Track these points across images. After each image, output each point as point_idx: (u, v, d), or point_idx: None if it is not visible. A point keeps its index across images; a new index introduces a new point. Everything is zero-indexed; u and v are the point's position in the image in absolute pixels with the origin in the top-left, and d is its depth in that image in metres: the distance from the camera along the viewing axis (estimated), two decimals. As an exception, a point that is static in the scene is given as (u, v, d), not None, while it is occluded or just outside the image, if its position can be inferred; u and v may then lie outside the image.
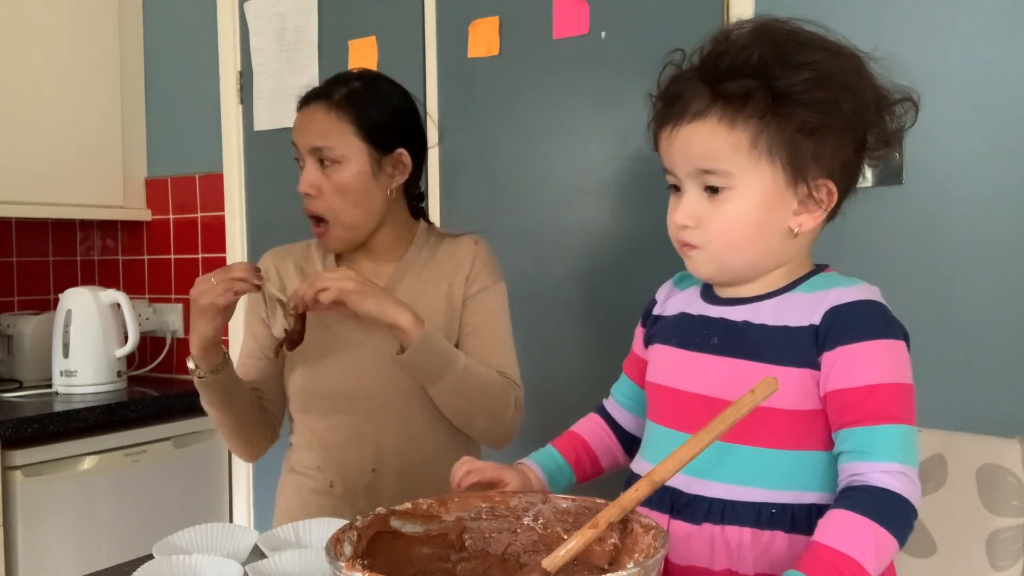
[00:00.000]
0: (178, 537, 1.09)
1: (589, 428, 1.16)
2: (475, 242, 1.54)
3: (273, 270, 1.55)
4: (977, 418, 1.59)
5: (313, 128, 1.44)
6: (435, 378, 1.38)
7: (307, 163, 1.45)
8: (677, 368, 1.01)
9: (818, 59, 0.91)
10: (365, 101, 1.46)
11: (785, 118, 0.91)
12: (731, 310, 0.99)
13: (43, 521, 2.09)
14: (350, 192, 1.44)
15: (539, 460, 1.11)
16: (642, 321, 1.13)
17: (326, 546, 0.74)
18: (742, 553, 0.92)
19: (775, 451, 0.93)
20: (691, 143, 0.94)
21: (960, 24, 1.62)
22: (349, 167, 1.44)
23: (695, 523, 0.94)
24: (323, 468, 1.48)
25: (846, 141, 0.94)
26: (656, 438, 1.02)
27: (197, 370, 1.39)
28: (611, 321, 2.01)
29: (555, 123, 2.07)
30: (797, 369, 0.92)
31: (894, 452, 0.87)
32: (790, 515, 0.92)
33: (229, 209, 2.61)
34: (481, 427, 1.45)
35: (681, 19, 1.88)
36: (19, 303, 2.76)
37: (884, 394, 0.89)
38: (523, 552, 0.87)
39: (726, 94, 0.92)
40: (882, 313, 0.94)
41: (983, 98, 1.60)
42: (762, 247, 0.96)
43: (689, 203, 0.96)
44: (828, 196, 0.95)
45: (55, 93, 2.52)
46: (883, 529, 0.83)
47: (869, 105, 0.94)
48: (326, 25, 2.41)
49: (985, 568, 1.11)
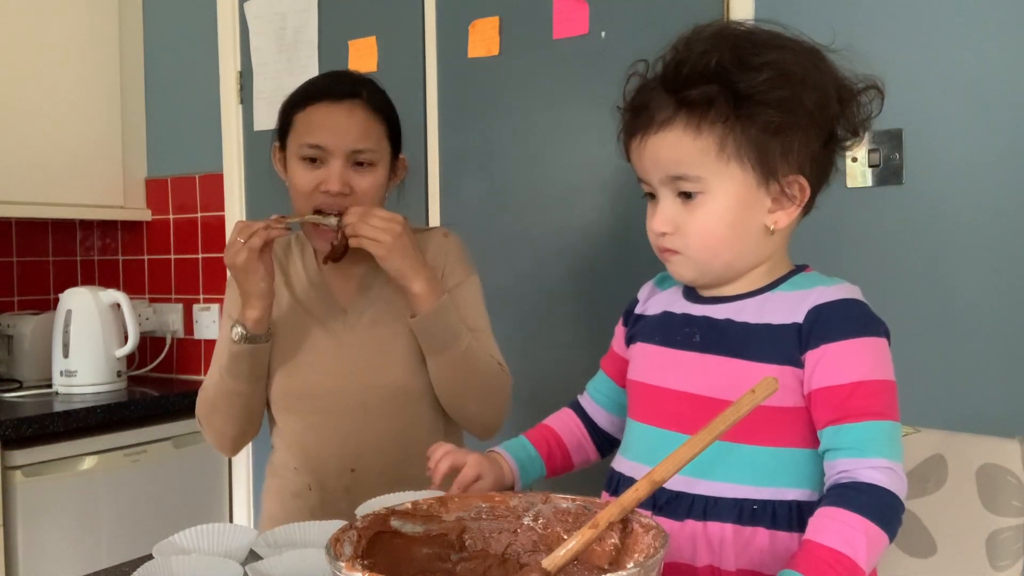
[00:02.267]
0: (178, 537, 1.08)
1: (562, 423, 1.18)
2: (444, 235, 1.54)
3: None
4: (977, 418, 1.59)
5: (354, 129, 1.41)
6: (438, 349, 1.39)
7: (336, 162, 1.41)
8: (660, 366, 1.02)
9: (776, 58, 0.92)
10: (389, 102, 1.48)
11: (749, 120, 0.92)
12: (714, 308, 1.00)
13: (43, 521, 2.09)
14: (375, 195, 1.44)
15: (511, 450, 1.13)
16: (623, 320, 1.14)
17: (326, 546, 0.74)
18: (724, 549, 0.93)
19: (757, 447, 0.94)
20: (660, 152, 0.95)
21: (960, 24, 1.62)
22: (379, 171, 1.44)
23: (678, 519, 0.95)
24: (300, 470, 1.47)
25: (812, 136, 0.95)
26: (639, 436, 1.03)
27: (245, 333, 1.38)
28: (609, 321, 2.00)
29: (555, 123, 2.07)
30: (779, 367, 0.93)
31: (881, 448, 0.88)
32: (771, 511, 0.93)
33: (229, 209, 2.61)
34: (473, 410, 1.45)
35: (681, 19, 1.86)
36: (19, 303, 2.76)
37: (869, 391, 0.90)
38: (523, 552, 0.87)
39: (689, 101, 0.93)
40: (864, 311, 0.94)
41: (983, 98, 1.60)
42: (739, 247, 0.97)
43: (665, 210, 0.97)
44: (801, 192, 0.96)
45: (55, 93, 2.52)
46: (874, 525, 0.84)
47: (832, 97, 0.95)
48: (326, 25, 2.41)
49: (985, 568, 1.11)
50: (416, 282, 1.35)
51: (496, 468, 1.09)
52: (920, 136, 1.65)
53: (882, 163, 1.67)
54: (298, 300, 1.51)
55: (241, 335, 1.39)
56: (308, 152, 1.41)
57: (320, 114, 1.42)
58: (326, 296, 1.51)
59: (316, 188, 1.41)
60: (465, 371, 1.41)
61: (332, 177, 1.40)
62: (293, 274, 1.54)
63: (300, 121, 1.44)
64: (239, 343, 1.39)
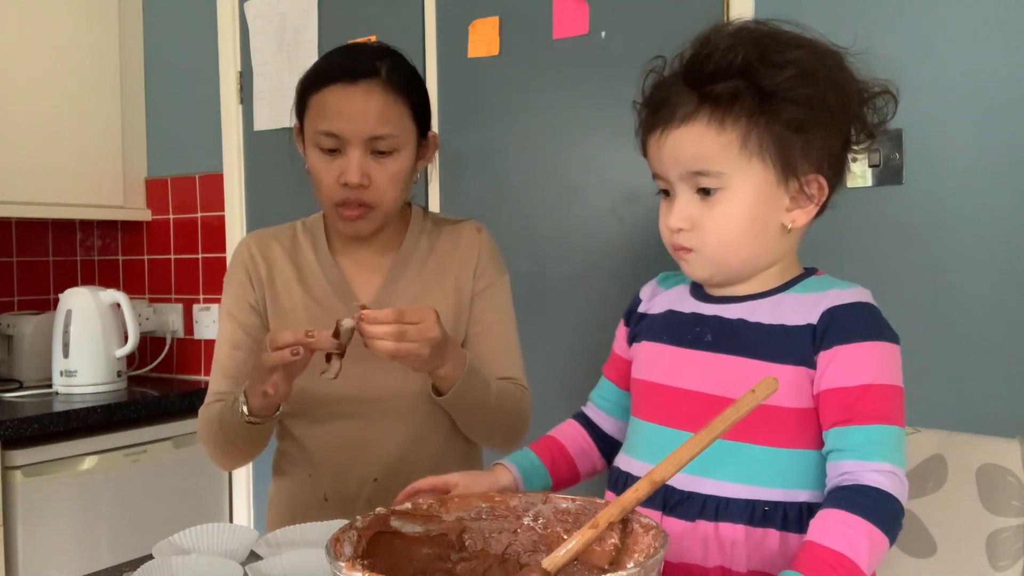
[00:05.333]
0: (178, 537, 1.08)
1: (567, 433, 1.17)
2: (478, 230, 1.46)
3: (259, 256, 1.43)
4: (977, 418, 1.59)
5: (371, 113, 1.28)
6: (468, 411, 1.32)
7: (354, 151, 1.29)
8: (668, 365, 1.01)
9: (800, 56, 0.92)
10: (412, 76, 1.34)
11: (773, 116, 0.92)
12: (725, 308, 0.99)
13: (43, 521, 2.09)
14: (401, 181, 1.33)
15: (515, 460, 1.11)
16: (625, 320, 1.13)
17: (326, 546, 0.74)
18: (735, 550, 0.92)
19: (770, 449, 0.94)
20: (681, 146, 0.95)
21: (960, 24, 1.62)
22: (403, 156, 1.32)
23: (689, 520, 0.94)
24: (316, 477, 1.39)
25: (833, 135, 0.95)
26: (644, 434, 1.02)
27: (252, 417, 1.24)
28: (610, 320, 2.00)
29: (555, 123, 2.07)
30: (793, 367, 0.93)
31: (885, 452, 0.88)
32: (782, 513, 0.92)
33: (229, 209, 2.62)
34: (499, 440, 1.41)
35: (681, 19, 1.88)
36: (19, 303, 2.76)
37: (878, 394, 0.90)
38: (523, 552, 0.87)
39: (713, 96, 0.92)
40: (878, 316, 0.95)
41: (983, 98, 1.60)
42: (757, 245, 0.96)
43: (682, 206, 0.97)
44: (819, 191, 0.96)
45: (55, 93, 2.52)
46: (876, 528, 0.84)
47: (853, 98, 0.95)
48: (326, 25, 2.41)
49: (985, 568, 1.11)
50: (444, 366, 1.23)
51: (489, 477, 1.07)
52: (920, 136, 1.65)
53: (882, 163, 1.67)
54: (313, 297, 1.41)
55: (245, 415, 1.24)
56: (324, 142, 1.30)
57: (335, 98, 1.30)
58: (344, 292, 1.40)
59: (336, 180, 1.30)
60: (494, 416, 1.34)
61: (351, 168, 1.29)
62: (305, 266, 1.43)
63: (315, 104, 1.32)
64: (241, 420, 1.24)
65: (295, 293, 1.41)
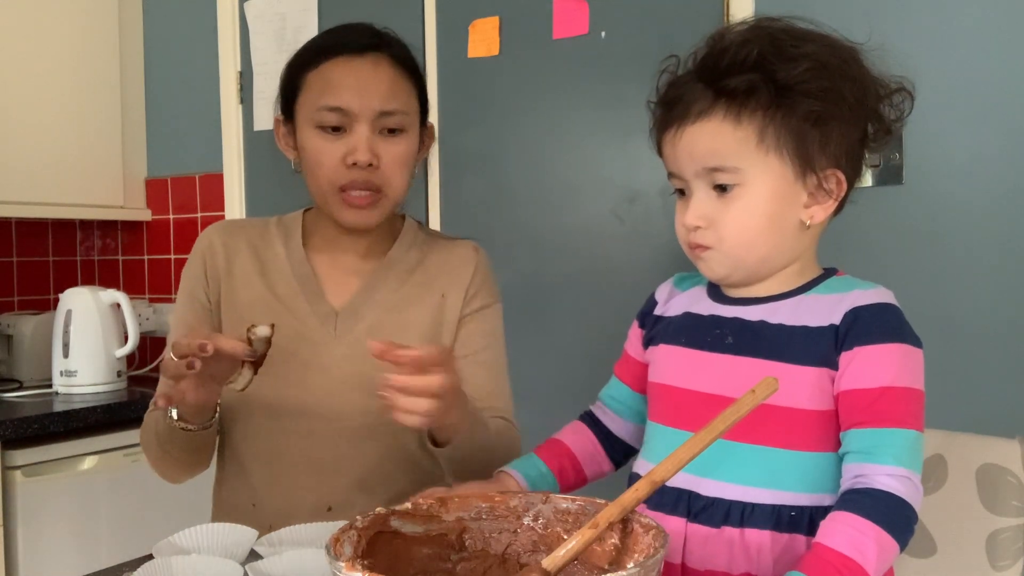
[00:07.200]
0: (178, 537, 1.08)
1: (573, 436, 1.13)
2: (475, 250, 1.35)
3: (220, 246, 1.30)
4: (977, 418, 1.58)
5: (382, 86, 1.19)
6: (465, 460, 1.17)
7: (362, 127, 1.19)
8: (687, 368, 0.99)
9: (816, 50, 0.92)
10: (413, 56, 1.26)
11: (790, 109, 0.91)
12: (745, 310, 0.98)
13: (43, 521, 2.09)
14: (407, 165, 1.23)
15: (521, 468, 1.08)
16: (639, 322, 1.11)
17: (326, 546, 0.74)
18: (761, 556, 0.91)
19: (794, 452, 0.92)
20: (697, 143, 0.94)
21: (960, 24, 1.62)
22: (410, 137, 1.23)
23: (714, 526, 0.93)
24: (260, 507, 1.24)
25: (851, 129, 0.94)
26: (664, 439, 1.00)
27: (184, 424, 1.14)
28: (610, 320, 2.00)
29: (555, 123, 2.07)
30: (815, 369, 0.91)
31: (901, 456, 0.86)
32: (808, 518, 0.91)
33: (229, 209, 2.62)
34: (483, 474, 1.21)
35: (681, 19, 1.88)
36: (19, 303, 2.76)
37: (896, 397, 0.88)
38: (523, 552, 0.87)
39: (729, 90, 0.91)
40: (901, 318, 0.93)
41: (983, 98, 1.60)
42: (775, 242, 0.95)
43: (698, 204, 0.95)
44: (837, 186, 0.95)
45: (55, 93, 2.52)
46: (886, 533, 0.83)
47: (870, 93, 0.94)
48: (326, 25, 2.41)
49: (985, 568, 1.11)
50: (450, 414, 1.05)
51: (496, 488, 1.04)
52: (920, 136, 1.65)
53: (882, 163, 1.67)
54: (275, 293, 1.28)
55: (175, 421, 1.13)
56: (328, 118, 1.19)
57: (340, 71, 1.19)
58: (313, 293, 1.28)
59: (342, 161, 1.19)
60: (483, 456, 1.18)
61: (360, 145, 1.17)
62: (271, 261, 1.30)
63: (314, 81, 1.21)
64: (175, 426, 1.14)
65: (255, 287, 1.29)
